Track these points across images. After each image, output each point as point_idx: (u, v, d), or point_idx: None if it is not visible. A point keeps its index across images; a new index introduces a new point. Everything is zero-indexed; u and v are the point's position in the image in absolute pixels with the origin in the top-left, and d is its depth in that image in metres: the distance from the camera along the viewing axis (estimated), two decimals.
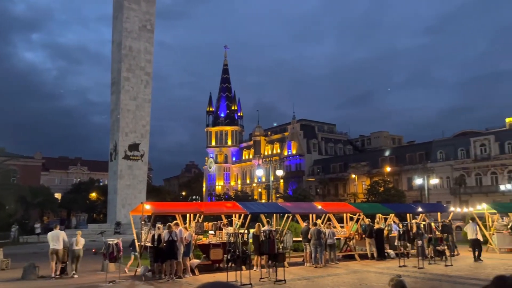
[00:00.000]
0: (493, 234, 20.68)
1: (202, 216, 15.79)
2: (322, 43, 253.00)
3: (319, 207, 19.28)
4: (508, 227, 20.69)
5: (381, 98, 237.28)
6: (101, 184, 66.99)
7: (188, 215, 16.23)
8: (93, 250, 17.05)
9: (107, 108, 46.66)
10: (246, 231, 16.73)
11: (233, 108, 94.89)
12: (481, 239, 18.18)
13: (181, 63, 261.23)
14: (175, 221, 15.21)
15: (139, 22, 42.47)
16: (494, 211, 21.82)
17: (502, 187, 49.36)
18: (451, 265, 15.39)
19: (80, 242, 14.87)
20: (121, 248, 13.78)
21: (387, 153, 68.44)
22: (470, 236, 17.92)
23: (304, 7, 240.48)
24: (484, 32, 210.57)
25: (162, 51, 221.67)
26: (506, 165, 52.83)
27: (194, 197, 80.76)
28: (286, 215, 17.68)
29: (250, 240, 15.61)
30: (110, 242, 13.61)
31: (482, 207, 22.11)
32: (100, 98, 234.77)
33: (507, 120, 73.41)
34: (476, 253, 17.15)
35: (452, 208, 25.54)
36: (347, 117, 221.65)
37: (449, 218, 20.83)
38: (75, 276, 14.46)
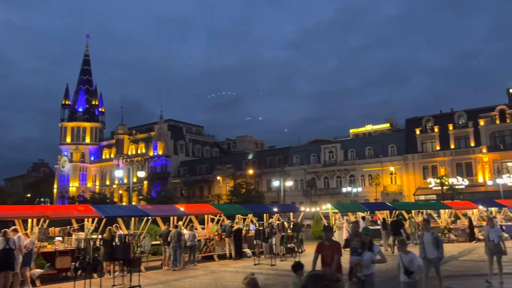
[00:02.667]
0: (335, 231, 23.32)
1: (47, 221, 14.11)
2: (193, 46, 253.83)
3: (181, 209, 19.08)
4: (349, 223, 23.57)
5: (247, 103, 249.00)
6: None
7: (30, 220, 14.32)
8: None
9: None
10: (99, 236, 15.60)
11: (93, 102, 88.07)
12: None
13: (35, 48, 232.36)
14: (13, 227, 13.25)
15: None
16: (337, 210, 24.73)
17: (344, 189, 56.28)
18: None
19: None
20: None
21: (250, 157, 71.86)
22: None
23: (177, 9, 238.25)
24: (336, 51, 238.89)
25: (9, 31, 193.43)
26: (349, 170, 60.55)
27: (42, 199, 72.10)
28: (145, 218, 17.02)
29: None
30: None
31: (327, 207, 24.76)
32: None
33: (351, 131, 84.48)
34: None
35: (302, 208, 28.05)
36: (215, 120, 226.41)
37: (300, 217, 22.80)
38: None
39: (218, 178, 68.65)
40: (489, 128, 50.66)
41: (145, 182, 75.99)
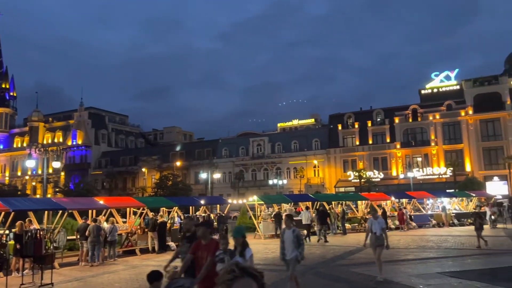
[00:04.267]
0: (260, 223, 23.74)
1: None
2: (121, 33, 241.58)
3: (101, 202, 18.10)
4: (272, 216, 24.13)
5: (175, 94, 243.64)
6: None
7: None
8: None
9: None
10: (6, 232, 14.28)
11: (3, 86, 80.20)
12: (311, 223, 21.51)
13: None
14: None
15: None
16: (262, 202, 25.17)
17: (270, 182, 57.60)
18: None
19: None
20: None
21: (178, 148, 70.44)
22: (305, 221, 21.17)
23: None
24: (267, 46, 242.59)
25: None
26: (275, 163, 62.06)
27: None
28: (60, 211, 15.86)
29: (11, 242, 13.38)
30: None
31: (254, 199, 25.10)
32: None
33: (279, 125, 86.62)
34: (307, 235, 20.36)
35: (230, 201, 28.14)
36: (141, 110, 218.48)
37: (226, 210, 22.83)
38: None
39: (143, 170, 66.32)
40: (402, 125, 54.97)
41: (62, 174, 71.05)
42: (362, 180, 50.82)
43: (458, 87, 54.54)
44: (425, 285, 9.38)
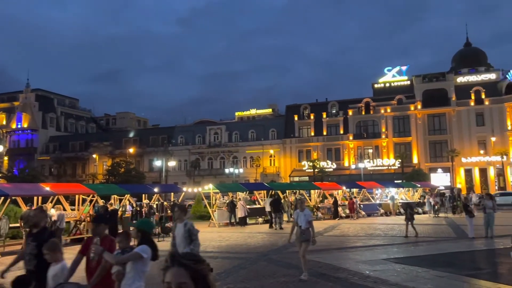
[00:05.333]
0: (215, 211, 23.72)
1: None
2: (72, 11, 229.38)
3: (47, 188, 17.26)
4: (226, 204, 24.17)
5: (130, 79, 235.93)
6: None
7: None
8: None
9: None
10: None
11: None
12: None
13: None
14: None
15: None
16: (218, 190, 25.13)
17: (227, 170, 57.63)
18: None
19: None
20: None
21: (131, 135, 68.55)
22: (267, 209, 22.20)
23: None
24: (226, 34, 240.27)
25: None
26: (232, 152, 62.07)
27: None
28: (2, 197, 14.97)
29: None
30: None
31: (209, 188, 24.99)
32: None
33: (237, 114, 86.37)
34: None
35: (184, 189, 27.84)
36: (93, 93, 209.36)
37: (181, 198, 22.57)
38: None
39: (94, 156, 63.99)
40: (356, 118, 56.74)
41: (6, 158, 67.05)
42: (316, 170, 52.08)
43: (408, 82, 56.95)
44: (371, 271, 9.80)
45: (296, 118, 59.91)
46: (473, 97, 52.10)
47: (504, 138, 49.84)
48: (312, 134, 58.89)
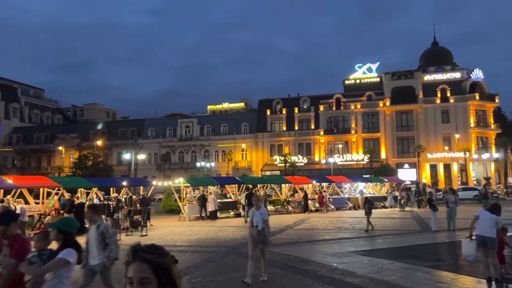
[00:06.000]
0: (185, 205, 23.51)
1: None
2: None
3: (9, 181, 16.59)
4: (196, 197, 24.00)
5: (99, 69, 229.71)
6: None
7: None
8: None
9: None
10: None
11: None
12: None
13: None
14: None
15: None
16: (188, 184, 24.91)
17: (198, 164, 57.18)
18: (146, 235, 16.42)
19: None
20: None
21: (99, 127, 66.82)
22: (243, 202, 22.35)
23: None
24: (199, 26, 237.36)
25: None
26: (204, 145, 61.63)
27: None
28: None
29: None
30: None
31: (179, 181, 24.71)
32: None
33: (209, 107, 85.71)
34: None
35: (154, 183, 27.44)
36: (60, 84, 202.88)
37: (150, 192, 22.23)
38: None
39: (60, 148, 61.96)
40: (326, 113, 57.50)
41: None
42: (287, 164, 52.52)
43: (378, 79, 58.15)
44: (338, 263, 9.98)
45: (268, 112, 60.09)
46: (439, 95, 53.82)
47: (467, 135, 51.84)
48: (284, 128, 59.27)
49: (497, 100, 54.55)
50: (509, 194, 41.99)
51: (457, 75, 55.14)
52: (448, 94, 53.43)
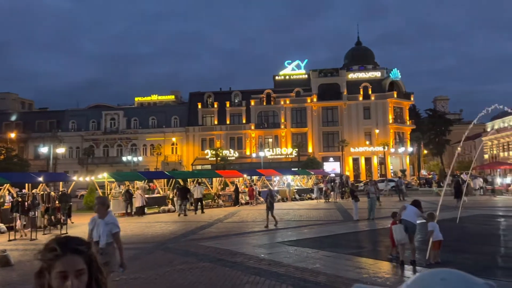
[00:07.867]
0: (110, 201, 22.42)
1: None
2: None
3: None
4: (122, 193, 23.02)
5: (13, 55, 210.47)
6: None
7: None
8: None
9: None
10: None
11: None
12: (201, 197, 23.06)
13: None
14: None
15: None
16: (113, 180, 23.79)
17: (124, 159, 54.89)
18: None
19: None
20: None
21: (13, 118, 61.30)
22: (196, 195, 22.72)
23: None
24: (126, 14, 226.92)
25: None
26: (131, 139, 59.27)
27: None
28: None
29: None
30: None
31: (103, 176, 23.51)
32: None
33: (136, 99, 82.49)
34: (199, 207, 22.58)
35: (75, 178, 25.80)
36: None
37: (70, 187, 20.88)
38: None
39: None
40: (257, 108, 58.28)
41: None
42: (219, 158, 52.42)
43: (306, 76, 60.13)
44: (266, 254, 10.17)
45: (199, 106, 59.39)
46: (361, 92, 57.09)
47: (386, 130, 55.73)
48: (216, 122, 59.00)
49: (412, 98, 59.23)
50: (421, 185, 45.91)
51: (378, 74, 58.85)
52: (370, 92, 56.87)
